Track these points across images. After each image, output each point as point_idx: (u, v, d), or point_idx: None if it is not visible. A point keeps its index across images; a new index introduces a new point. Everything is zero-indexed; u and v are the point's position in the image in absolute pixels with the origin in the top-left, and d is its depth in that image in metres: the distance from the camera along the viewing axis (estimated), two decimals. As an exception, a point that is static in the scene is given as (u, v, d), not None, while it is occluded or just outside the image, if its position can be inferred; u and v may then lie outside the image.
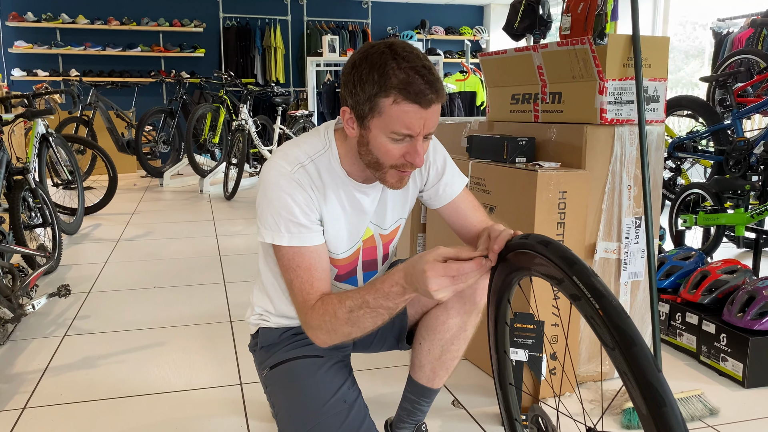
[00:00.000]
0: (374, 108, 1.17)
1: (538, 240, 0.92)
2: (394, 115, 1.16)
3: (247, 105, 5.89)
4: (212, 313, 2.68)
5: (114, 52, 8.08)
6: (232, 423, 1.80)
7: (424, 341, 1.50)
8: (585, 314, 0.83)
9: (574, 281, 0.83)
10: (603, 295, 0.79)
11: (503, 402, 1.34)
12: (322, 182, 1.31)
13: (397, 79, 1.13)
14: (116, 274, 3.27)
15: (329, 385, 1.41)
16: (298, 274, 1.25)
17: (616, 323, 0.77)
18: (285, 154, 1.30)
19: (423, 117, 1.16)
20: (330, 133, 1.34)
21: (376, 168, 1.26)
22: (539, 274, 0.95)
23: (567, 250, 0.87)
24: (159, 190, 6.29)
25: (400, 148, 1.21)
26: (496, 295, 1.17)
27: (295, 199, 1.26)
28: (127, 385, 2.02)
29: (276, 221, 1.25)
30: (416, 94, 1.14)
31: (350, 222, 1.38)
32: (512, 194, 1.90)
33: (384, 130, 1.19)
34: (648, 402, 0.74)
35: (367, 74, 1.15)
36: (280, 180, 1.26)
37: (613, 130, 1.92)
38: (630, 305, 2.07)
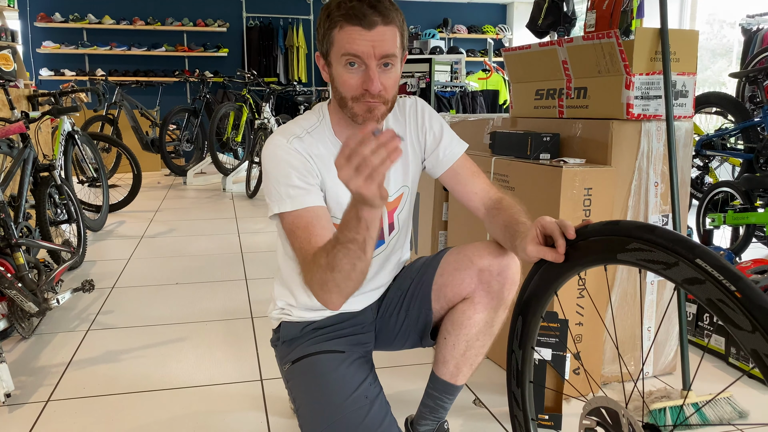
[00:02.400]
0: (329, 41, 1.25)
1: (636, 225, 0.91)
2: (342, 40, 1.22)
3: (269, 104, 5.92)
4: (234, 310, 2.69)
5: (139, 52, 8.18)
6: (252, 418, 1.80)
7: (449, 336, 1.48)
8: (707, 297, 0.80)
9: (698, 264, 0.81)
10: (740, 278, 0.78)
11: (521, 400, 1.32)
12: (320, 151, 1.36)
13: (342, 10, 1.21)
14: (139, 270, 3.30)
15: (351, 381, 1.40)
16: (297, 236, 1.27)
17: (762, 306, 0.75)
18: (281, 130, 1.36)
19: (368, 39, 1.21)
20: (324, 106, 1.40)
21: (343, 104, 1.30)
22: (628, 262, 0.92)
23: (681, 234, 0.86)
24: (182, 188, 6.34)
25: (356, 78, 1.25)
26: (541, 286, 1.14)
27: (292, 164, 1.31)
28: (148, 379, 2.03)
29: (277, 190, 1.29)
30: (357, 16, 1.20)
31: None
32: (536, 191, 1.88)
33: (339, 60, 1.24)
34: None
35: (323, 17, 1.25)
36: (277, 151, 1.32)
37: (639, 125, 1.88)
38: (656, 305, 2.03)
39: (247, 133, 6.58)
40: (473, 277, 1.43)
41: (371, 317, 1.56)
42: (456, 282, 1.46)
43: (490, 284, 1.42)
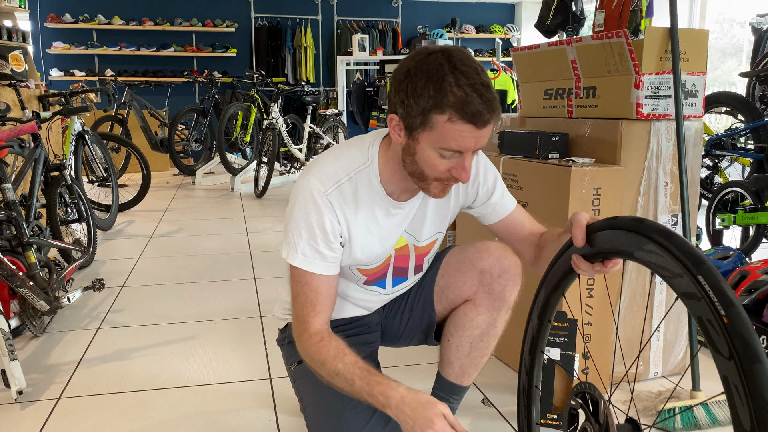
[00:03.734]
0: (426, 122, 1.12)
1: (657, 228, 0.90)
2: (447, 133, 1.11)
3: (277, 104, 5.93)
4: (243, 309, 2.70)
5: (148, 52, 8.22)
6: (261, 417, 1.80)
7: (453, 338, 1.48)
8: (699, 315, 0.81)
9: (699, 281, 0.81)
10: (733, 304, 0.78)
11: (526, 405, 1.32)
12: (357, 199, 1.29)
13: (454, 97, 1.08)
14: (149, 269, 3.32)
15: None
16: (305, 292, 1.29)
17: (743, 336, 0.76)
18: (322, 171, 1.27)
19: (476, 136, 1.12)
20: (375, 148, 1.30)
21: (420, 178, 1.23)
22: (642, 260, 0.93)
23: (694, 247, 0.86)
24: (191, 187, 6.37)
25: (447, 163, 1.17)
26: (565, 266, 1.14)
27: (322, 226, 1.26)
28: (159, 377, 2.05)
29: (294, 239, 1.27)
30: (473, 114, 1.09)
31: (382, 235, 1.37)
32: (545, 190, 1.87)
33: (434, 145, 1.15)
34: (758, 420, 0.73)
35: (422, 87, 1.10)
36: (311, 201, 1.25)
37: (649, 125, 1.88)
38: (665, 305, 2.02)
39: (255, 133, 6.60)
40: (474, 279, 1.43)
41: (377, 318, 1.56)
42: (457, 284, 1.46)
43: (491, 286, 1.42)
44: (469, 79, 1.09)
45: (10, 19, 5.31)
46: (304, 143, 6.28)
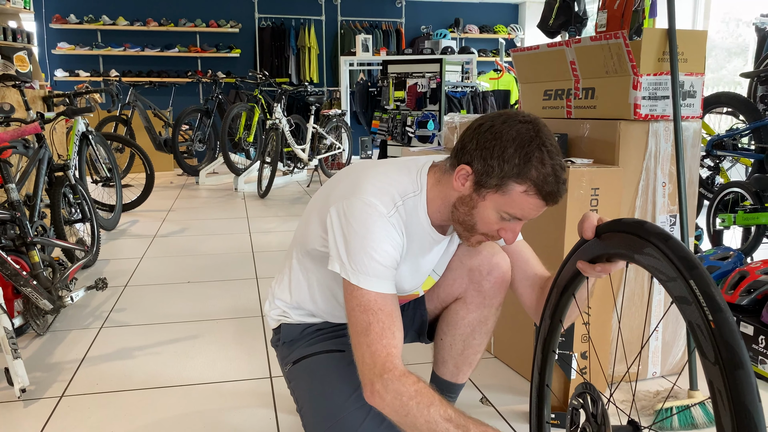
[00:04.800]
0: (502, 186, 1.15)
1: (656, 231, 0.92)
2: (518, 202, 1.15)
3: (281, 104, 5.96)
4: (244, 308, 2.72)
5: (152, 53, 8.26)
6: (261, 415, 1.82)
7: (446, 336, 1.50)
8: (689, 319, 0.83)
9: (690, 285, 0.83)
10: (720, 309, 0.79)
11: (537, 403, 1.33)
12: (408, 226, 1.27)
13: (537, 173, 1.12)
14: (152, 269, 3.34)
15: (352, 380, 1.41)
16: (380, 319, 1.16)
17: (728, 342, 0.77)
18: (379, 191, 1.24)
19: (541, 210, 1.17)
20: (423, 176, 1.29)
21: (467, 228, 1.24)
22: (642, 263, 0.94)
23: (689, 252, 0.87)
24: (195, 188, 6.40)
25: (500, 224, 1.20)
26: (561, 287, 1.16)
27: (394, 245, 1.21)
28: (161, 376, 2.07)
29: (365, 262, 1.18)
30: (549, 193, 1.14)
31: (417, 270, 1.38)
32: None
33: (498, 207, 1.17)
34: (738, 425, 0.74)
35: (511, 154, 1.12)
36: (378, 222, 1.20)
37: (647, 126, 1.89)
38: (664, 305, 2.03)
39: (258, 134, 6.62)
40: (464, 277, 1.45)
41: None
42: (447, 282, 1.47)
43: (480, 284, 1.43)
44: (553, 159, 1.13)
45: (15, 20, 5.34)
46: (308, 143, 6.30)
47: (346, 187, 1.28)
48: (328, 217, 1.26)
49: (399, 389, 1.10)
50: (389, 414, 1.13)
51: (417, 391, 1.11)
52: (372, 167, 1.32)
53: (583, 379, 1.11)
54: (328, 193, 1.35)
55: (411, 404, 1.10)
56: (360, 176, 1.29)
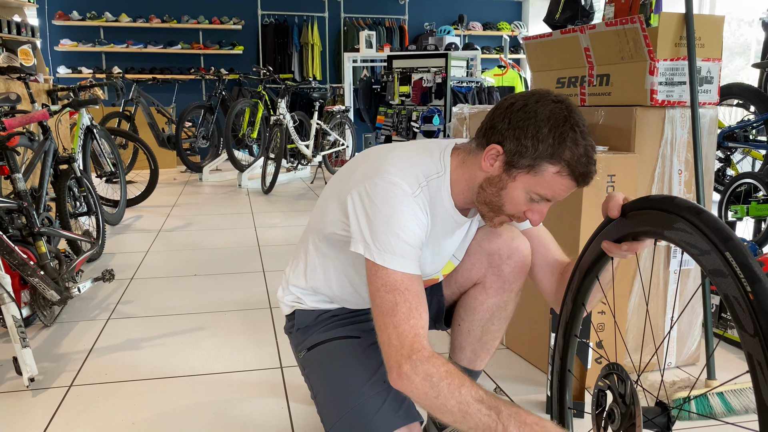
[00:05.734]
0: (534, 167, 1.13)
1: (687, 205, 0.90)
2: (550, 183, 1.13)
3: (284, 100, 5.93)
4: (252, 300, 2.70)
5: (155, 50, 8.23)
6: (272, 404, 1.80)
7: (463, 322, 1.47)
8: (725, 293, 0.80)
9: (726, 257, 0.80)
10: (759, 279, 0.77)
11: (558, 389, 1.30)
12: (431, 208, 1.25)
13: (571, 153, 1.11)
14: (158, 263, 3.32)
15: (368, 366, 1.39)
16: (407, 298, 1.13)
17: (767, 311, 0.74)
18: (402, 172, 1.21)
19: (571, 191, 1.16)
20: (446, 158, 1.27)
21: (493, 209, 1.22)
22: (672, 239, 0.92)
23: (723, 224, 0.85)
24: (198, 184, 6.37)
25: (528, 205, 1.18)
26: (599, 248, 1.13)
27: (419, 224, 1.19)
28: (168, 366, 2.04)
29: (392, 242, 1.14)
30: (581, 174, 1.13)
31: (438, 253, 1.35)
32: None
33: (529, 189, 1.15)
34: None
35: (545, 134, 1.11)
36: (404, 201, 1.17)
37: (663, 112, 1.86)
38: (680, 294, 2.00)
39: (262, 130, 6.60)
40: (483, 262, 1.42)
41: None
42: (466, 267, 1.45)
43: (500, 268, 1.40)
44: (586, 140, 1.12)
45: (19, 14, 5.32)
46: (311, 139, 6.28)
47: (366, 169, 1.26)
48: (349, 199, 1.23)
49: (429, 370, 1.07)
50: (417, 397, 1.10)
51: (447, 372, 1.07)
52: (392, 149, 1.29)
53: (607, 362, 1.08)
54: (346, 177, 1.33)
55: (442, 385, 1.06)
56: (381, 159, 1.26)
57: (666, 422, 0.96)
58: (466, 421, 1.08)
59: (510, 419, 1.07)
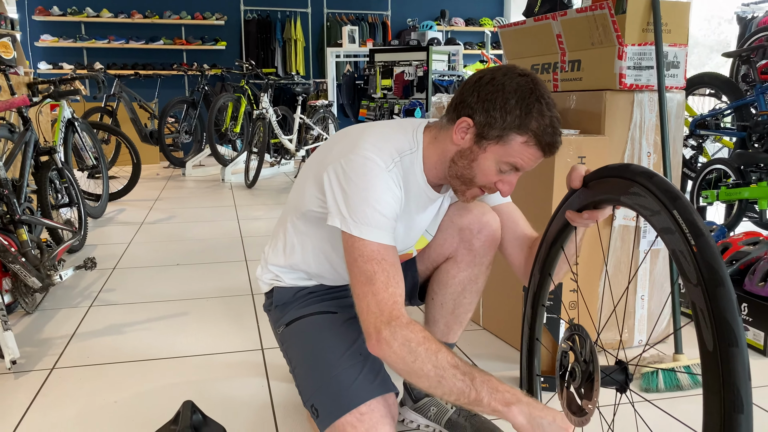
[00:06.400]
0: (503, 137, 1.18)
1: (641, 171, 0.95)
2: (518, 153, 1.18)
3: (267, 94, 5.94)
4: (234, 288, 2.73)
5: (137, 45, 8.20)
6: (253, 384, 1.83)
7: (437, 296, 1.52)
8: (673, 248, 0.86)
9: (673, 215, 0.85)
10: (702, 234, 0.82)
11: (527, 357, 1.36)
12: (406, 183, 1.29)
13: (537, 124, 1.16)
14: (140, 253, 3.34)
15: (344, 339, 1.43)
16: (384, 268, 1.17)
17: (709, 262, 0.80)
18: (377, 148, 1.25)
19: (538, 162, 1.22)
20: (419, 135, 1.31)
21: (464, 182, 1.27)
22: (627, 204, 0.97)
23: (672, 186, 0.90)
24: (181, 179, 6.37)
25: (498, 176, 1.23)
26: (564, 218, 1.18)
27: (394, 197, 1.23)
28: (151, 349, 2.07)
29: (367, 213, 1.18)
30: (547, 144, 1.18)
31: (411, 228, 1.39)
32: (531, 160, 1.91)
33: (498, 159, 1.20)
34: (719, 339, 0.76)
35: (513, 105, 1.16)
36: (379, 175, 1.21)
37: (632, 96, 1.92)
38: (649, 274, 2.07)
39: (245, 124, 6.61)
40: (454, 237, 1.47)
41: None
42: (438, 242, 1.50)
43: (471, 242, 1.46)
44: (551, 111, 1.18)
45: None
46: (295, 134, 6.30)
47: (342, 147, 1.30)
48: (325, 176, 1.27)
49: (408, 336, 1.12)
50: (395, 362, 1.14)
51: (425, 338, 1.13)
52: (368, 128, 1.34)
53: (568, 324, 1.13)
54: (323, 155, 1.37)
55: (420, 350, 1.11)
56: (357, 137, 1.30)
57: (624, 378, 1.01)
58: (441, 385, 1.13)
59: (483, 386, 1.12)
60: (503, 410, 1.12)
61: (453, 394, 1.13)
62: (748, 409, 0.73)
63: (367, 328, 1.17)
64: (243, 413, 1.67)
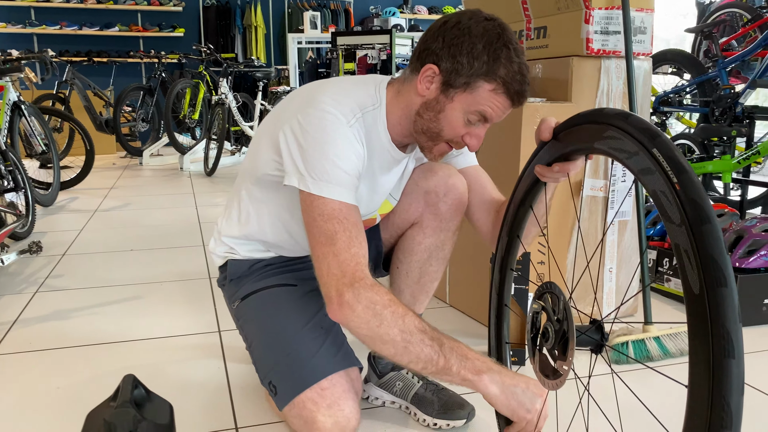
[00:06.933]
0: (470, 85, 1.12)
1: (615, 113, 0.89)
2: (486, 101, 1.12)
3: (227, 79, 5.78)
4: (191, 272, 2.61)
5: (91, 32, 7.91)
6: (210, 365, 1.73)
7: (401, 264, 1.44)
8: (653, 189, 0.79)
9: (653, 154, 0.79)
10: (685, 170, 0.75)
11: (495, 325, 1.29)
12: (367, 141, 1.21)
13: (506, 71, 1.10)
14: (92, 239, 3.18)
15: (304, 312, 1.35)
16: (346, 227, 1.09)
17: (693, 198, 0.73)
18: (336, 101, 1.16)
19: (507, 112, 1.16)
20: (382, 90, 1.23)
21: (431, 137, 1.19)
22: (602, 150, 0.90)
23: (649, 123, 0.84)
24: (138, 168, 6.17)
25: (466, 128, 1.16)
26: (533, 175, 1.11)
27: (356, 153, 1.15)
28: (101, 334, 1.95)
29: (328, 169, 1.10)
30: (516, 92, 1.12)
31: (375, 190, 1.31)
32: (497, 129, 1.84)
33: (466, 108, 1.14)
34: (706, 279, 0.69)
35: (480, 51, 1.09)
36: (339, 128, 1.13)
37: (599, 62, 1.88)
38: (617, 245, 2.03)
39: (204, 112, 6.43)
40: (419, 201, 1.40)
41: None
42: (403, 207, 1.42)
43: (437, 206, 1.38)
44: (519, 58, 1.11)
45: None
46: (256, 120, 6.15)
47: (298, 103, 1.21)
48: (281, 134, 1.18)
49: (372, 298, 1.05)
50: (358, 326, 1.06)
51: (391, 300, 1.06)
52: (325, 83, 1.26)
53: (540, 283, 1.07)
54: (278, 115, 1.28)
55: (385, 313, 1.04)
56: (314, 91, 1.22)
57: (600, 337, 0.95)
58: (408, 352, 1.05)
59: (452, 352, 1.06)
60: (473, 379, 1.05)
61: (420, 362, 1.06)
62: (740, 354, 0.67)
63: (328, 291, 1.09)
64: (198, 395, 1.57)
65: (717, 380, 0.68)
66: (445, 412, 1.39)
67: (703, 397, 0.68)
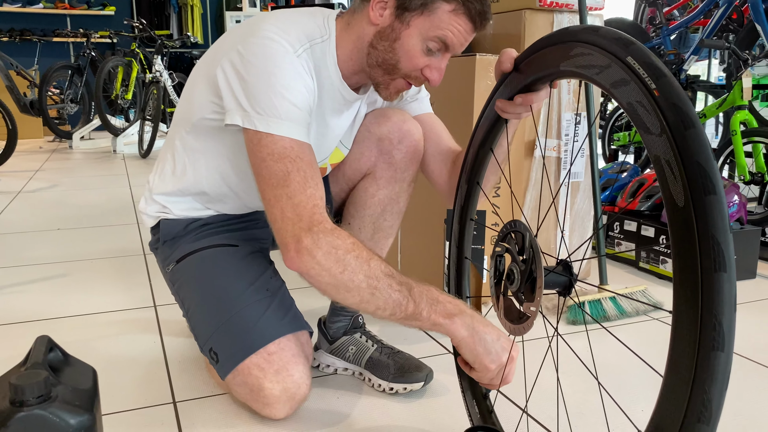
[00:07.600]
0: (427, 6, 1.03)
1: (582, 28, 0.81)
2: (446, 23, 1.03)
3: (161, 57, 5.52)
4: (124, 249, 2.44)
5: (12, 8, 7.41)
6: (145, 340, 1.60)
7: (354, 219, 1.34)
8: (629, 101, 0.71)
9: (627, 63, 0.71)
10: (664, 75, 0.67)
11: (456, 279, 1.21)
12: (316, 75, 1.09)
13: None
14: (15, 220, 2.95)
15: (248, 273, 1.24)
16: (300, 167, 0.99)
17: (674, 102, 0.65)
18: (281, 30, 1.04)
19: (468, 37, 1.06)
20: (331, 22, 1.12)
21: (387, 71, 1.09)
22: (569, 73, 0.83)
23: (621, 33, 0.76)
24: (68, 151, 5.84)
25: (425, 60, 1.07)
26: (494, 112, 1.03)
27: (306, 85, 1.03)
28: (23, 313, 1.78)
29: (276, 103, 0.99)
30: (478, 13, 1.04)
31: (325, 135, 1.20)
32: (449, 83, 1.77)
33: (425, 34, 1.04)
34: (692, 188, 0.61)
35: None
36: (285, 57, 1.01)
37: (552, 16, 1.82)
38: (570, 207, 1.99)
39: (138, 92, 6.13)
40: (373, 149, 1.30)
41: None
42: (355, 156, 1.32)
43: (391, 154, 1.29)
44: None
45: None
46: (193, 101, 5.90)
47: (238, 35, 1.09)
48: (219, 70, 1.06)
49: (334, 242, 0.96)
50: (319, 274, 0.96)
51: (354, 244, 0.97)
52: (267, 14, 1.14)
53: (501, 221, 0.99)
54: (215, 51, 1.16)
55: (348, 258, 0.95)
56: (256, 22, 1.10)
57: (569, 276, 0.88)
58: (374, 298, 0.96)
59: (422, 296, 0.98)
60: (444, 323, 0.97)
61: (388, 308, 0.97)
62: (731, 267, 0.60)
63: (284, 238, 0.98)
64: (131, 369, 1.43)
65: (707, 299, 0.61)
66: (401, 375, 1.31)
67: (692, 318, 0.62)
